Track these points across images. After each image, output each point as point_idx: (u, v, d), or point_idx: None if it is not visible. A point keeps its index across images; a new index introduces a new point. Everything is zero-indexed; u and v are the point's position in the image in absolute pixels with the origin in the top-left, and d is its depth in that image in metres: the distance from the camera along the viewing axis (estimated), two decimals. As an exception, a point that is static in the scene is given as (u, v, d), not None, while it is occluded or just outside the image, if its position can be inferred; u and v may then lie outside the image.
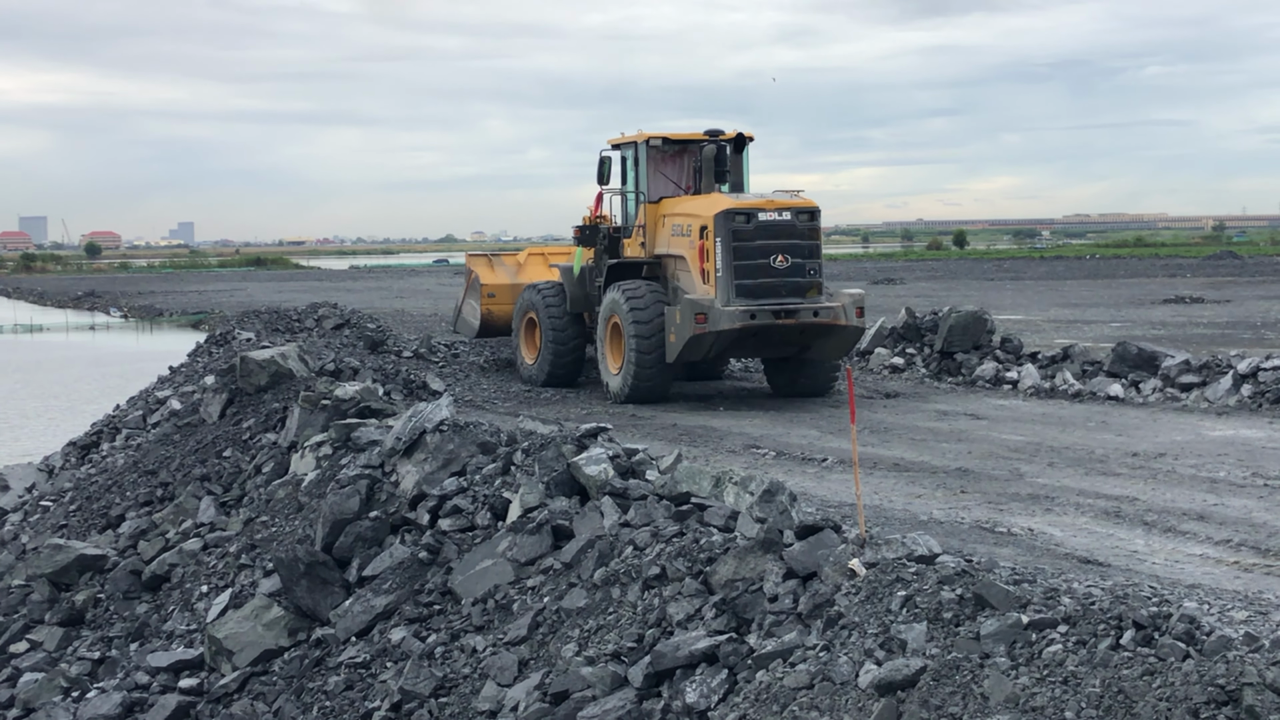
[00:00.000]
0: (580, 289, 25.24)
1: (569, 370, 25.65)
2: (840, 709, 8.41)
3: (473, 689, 11.23)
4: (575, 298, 25.32)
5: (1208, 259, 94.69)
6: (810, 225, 22.58)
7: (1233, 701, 7.05)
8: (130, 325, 73.00)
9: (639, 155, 24.46)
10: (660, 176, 24.51)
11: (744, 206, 22.30)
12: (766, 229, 22.22)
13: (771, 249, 22.19)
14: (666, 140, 24.38)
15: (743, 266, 22.11)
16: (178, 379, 27.51)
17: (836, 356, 23.55)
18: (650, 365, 22.64)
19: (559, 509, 12.65)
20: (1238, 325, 37.31)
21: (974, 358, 25.66)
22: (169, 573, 16.69)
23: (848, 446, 16.75)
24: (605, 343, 23.75)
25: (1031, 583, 8.95)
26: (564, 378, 25.58)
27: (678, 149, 24.65)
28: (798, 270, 22.31)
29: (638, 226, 24.55)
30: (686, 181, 24.64)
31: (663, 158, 24.59)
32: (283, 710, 12.71)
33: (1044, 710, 7.63)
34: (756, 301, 22.03)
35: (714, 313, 21.81)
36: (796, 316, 22.13)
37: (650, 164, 24.39)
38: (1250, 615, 8.70)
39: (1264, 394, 20.99)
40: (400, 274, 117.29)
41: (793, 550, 10.13)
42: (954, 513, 13.62)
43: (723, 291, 22.09)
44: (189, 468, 19.31)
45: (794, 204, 22.53)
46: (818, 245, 22.78)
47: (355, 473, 15.01)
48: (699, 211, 22.85)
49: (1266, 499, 14.04)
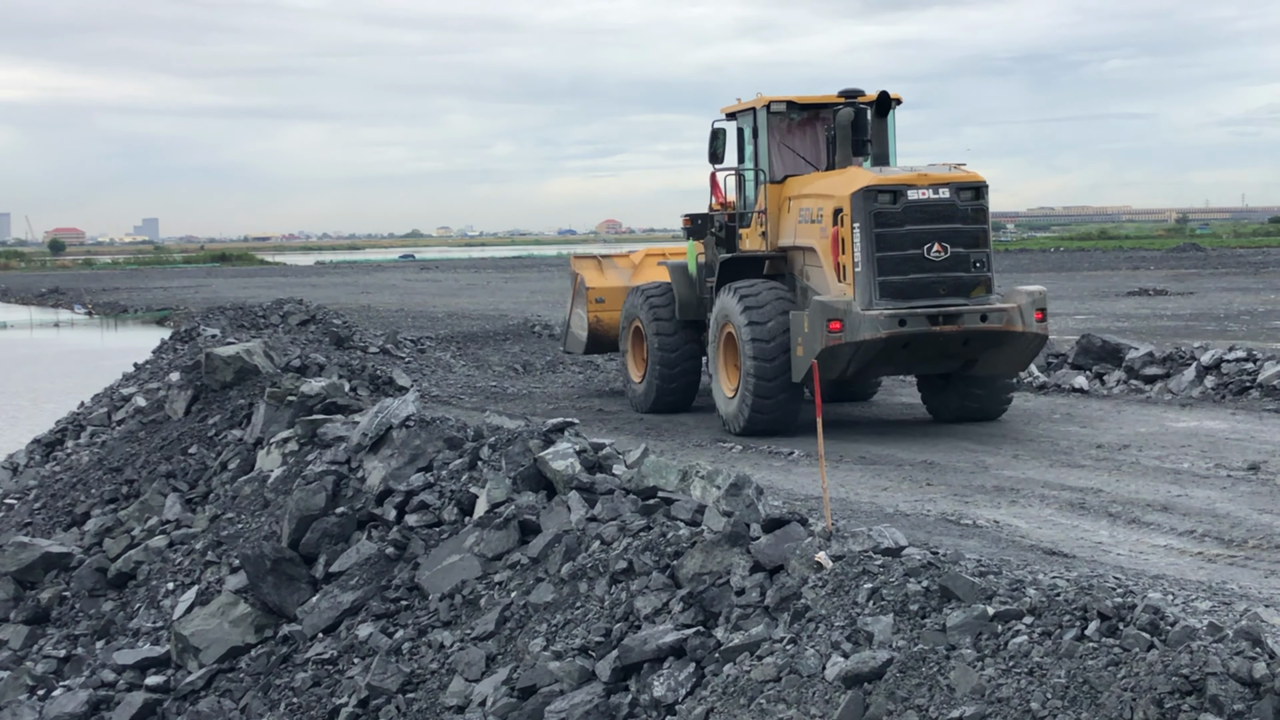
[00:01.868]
0: (692, 291, 20.91)
1: (680, 391, 21.20)
2: (807, 701, 8.43)
3: (440, 684, 11.22)
4: (686, 302, 20.86)
5: (1171, 251, 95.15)
6: (975, 205, 18.05)
7: (1197, 691, 7.10)
8: (95, 322, 72.66)
9: (758, 125, 20.01)
10: (786, 150, 20.12)
11: (889, 183, 17.87)
12: (919, 211, 17.79)
13: (925, 236, 17.74)
14: (792, 105, 19.91)
15: (888, 259, 17.73)
16: (143, 376, 27.40)
17: (1011, 372, 19.10)
18: (772, 386, 18.19)
19: (526, 504, 12.64)
20: (1201, 317, 37.52)
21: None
22: (135, 570, 16.64)
23: (814, 440, 16.78)
24: (718, 358, 19.35)
25: (997, 574, 9.00)
26: (675, 400, 21.16)
27: (807, 116, 20.18)
28: (959, 262, 17.87)
29: (757, 213, 20.10)
30: (819, 156, 20.11)
31: (788, 127, 20.15)
32: (250, 707, 12.67)
33: (1010, 701, 7.67)
34: (907, 304, 17.62)
35: (851, 318, 17.32)
36: (959, 322, 17.64)
37: (772, 135, 19.99)
38: (1214, 605, 8.76)
39: (1227, 385, 21.11)
40: (366, 269, 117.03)
41: (759, 543, 10.15)
42: (920, 505, 13.67)
43: (862, 291, 17.67)
44: (154, 465, 19.25)
45: (954, 178, 18.05)
46: (985, 231, 18.19)
47: (321, 469, 14.98)
48: (832, 191, 18.42)
49: (1230, 490, 14.13)
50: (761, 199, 19.92)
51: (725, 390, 19.09)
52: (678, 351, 20.96)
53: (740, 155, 20.83)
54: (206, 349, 22.17)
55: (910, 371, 19.49)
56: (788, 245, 19.52)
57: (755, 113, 20.04)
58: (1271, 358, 21.49)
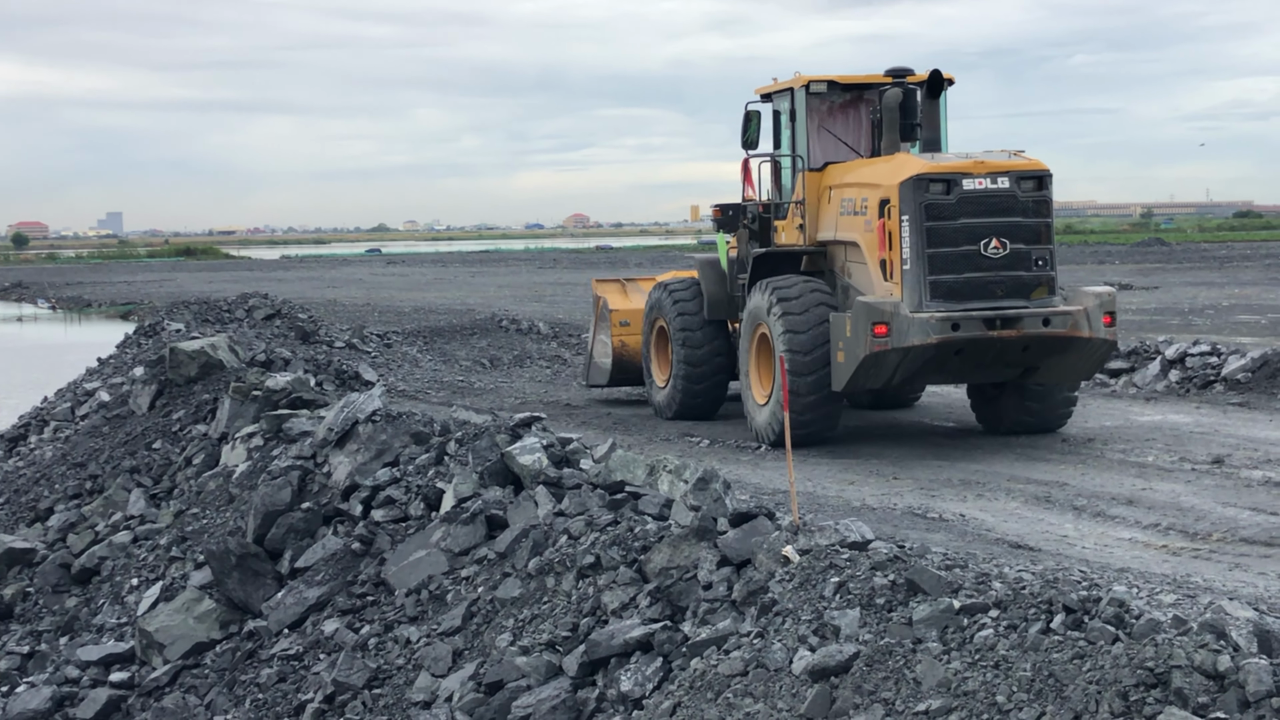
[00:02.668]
0: (722, 289, 19.19)
1: (708, 397, 19.56)
2: (774, 695, 8.44)
3: (407, 680, 11.20)
4: (716, 300, 19.18)
5: (1136, 246, 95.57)
6: (1038, 197, 16.28)
7: (1161, 684, 7.13)
8: (59, 316, 72.23)
9: (795, 107, 18.32)
10: (826, 135, 18.40)
11: (942, 171, 16.14)
12: (974, 202, 16.07)
13: (982, 230, 16.04)
14: (833, 85, 18.21)
15: (940, 256, 16.05)
16: (106, 370, 27.26)
17: (1075, 381, 17.47)
18: (810, 394, 16.44)
19: (493, 499, 12.62)
20: (1165, 311, 37.69)
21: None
22: (99, 566, 16.55)
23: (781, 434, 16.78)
24: (751, 361, 17.74)
25: (963, 568, 9.02)
26: (702, 406, 19.52)
27: (850, 98, 18.48)
28: (1019, 260, 16.14)
29: (794, 204, 18.47)
30: (861, 141, 18.48)
31: (829, 110, 18.48)
32: (215, 703, 12.62)
33: (976, 694, 7.69)
34: (961, 306, 15.95)
35: (899, 321, 15.71)
36: (1019, 326, 15.95)
37: (811, 118, 18.30)
38: (1178, 598, 8.80)
39: (1191, 379, 21.22)
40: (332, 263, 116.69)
41: (727, 538, 10.15)
42: (886, 499, 13.70)
43: (911, 292, 16.01)
44: (118, 460, 19.16)
45: (1014, 166, 16.27)
46: (1048, 225, 16.40)
47: (287, 464, 14.92)
48: (878, 180, 16.70)
49: (1194, 483, 14.21)
50: (799, 188, 18.30)
51: (757, 397, 17.52)
52: (704, 351, 19.30)
53: (776, 140, 19.09)
54: (171, 344, 22.06)
55: (963, 380, 17.94)
56: (828, 239, 17.87)
57: (793, 94, 18.38)
58: (1235, 352, 21.62)
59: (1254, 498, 13.46)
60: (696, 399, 19.44)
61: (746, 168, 19.26)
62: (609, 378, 21.74)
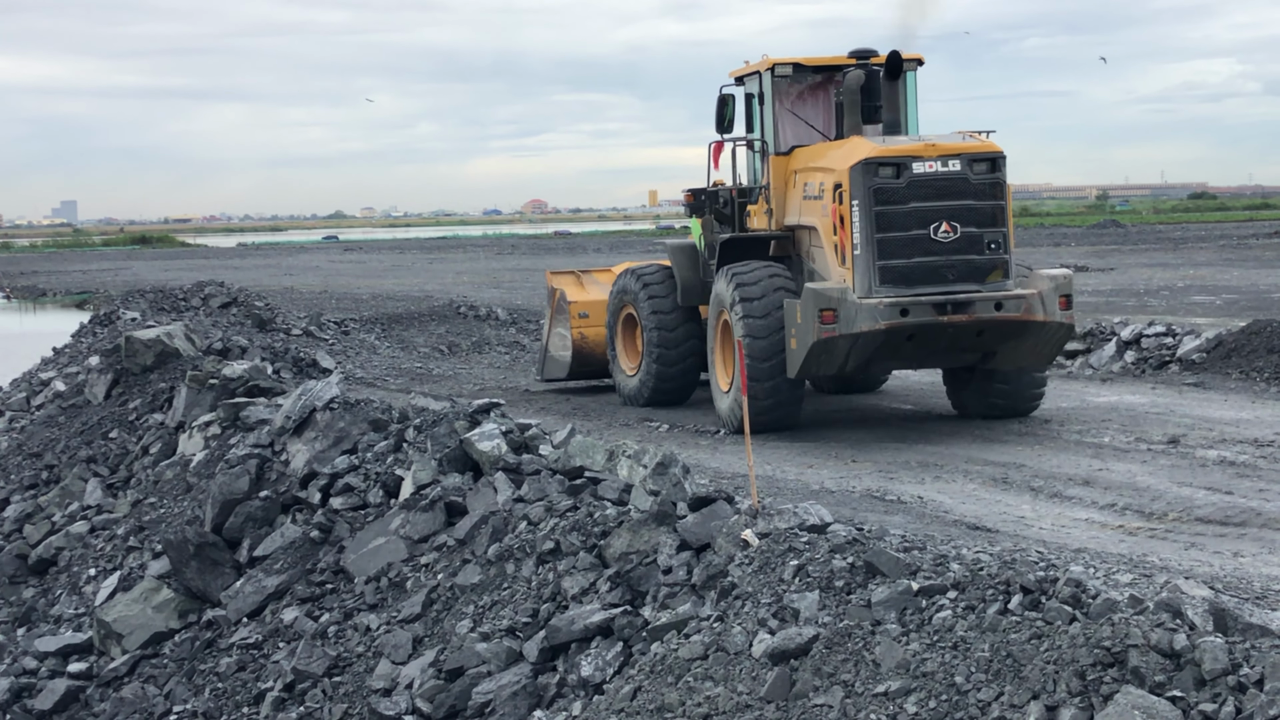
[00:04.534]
0: (695, 274, 18.94)
1: (680, 384, 19.31)
2: (734, 679, 8.46)
3: (367, 667, 11.19)
4: (688, 286, 18.93)
5: (1092, 228, 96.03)
6: (991, 180, 16.09)
7: (1119, 663, 7.17)
8: (13, 306, 71.69)
9: (763, 90, 18.08)
10: (794, 119, 18.19)
11: (891, 154, 15.96)
12: (925, 186, 15.89)
13: (932, 214, 15.86)
14: (799, 68, 17.98)
15: (890, 241, 15.90)
16: (62, 360, 27.09)
17: (1038, 364, 17.11)
18: (769, 380, 16.35)
19: (452, 485, 12.60)
20: (1121, 293, 37.91)
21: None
22: (55, 556, 16.48)
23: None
24: (716, 347, 17.60)
25: (921, 550, 9.05)
26: (673, 393, 19.29)
27: (818, 80, 18.22)
28: (971, 244, 15.97)
29: (762, 188, 18.26)
30: (829, 124, 18.17)
31: (797, 93, 18.25)
32: (174, 693, 12.58)
33: (934, 675, 7.72)
34: (910, 291, 15.82)
35: (846, 308, 15.55)
36: (970, 311, 15.79)
37: (779, 102, 18.07)
38: (1135, 578, 8.85)
39: (1147, 360, 21.36)
40: (289, 251, 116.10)
41: (686, 522, 10.16)
42: (845, 482, 13.74)
43: (861, 277, 15.87)
44: (74, 449, 19.04)
45: (965, 148, 16.12)
46: (1002, 208, 16.17)
47: (244, 452, 14.87)
48: (833, 164, 16.53)
49: (1150, 463, 14.29)
50: (766, 173, 18.07)
51: (721, 384, 17.41)
52: (677, 336, 18.99)
53: (748, 124, 18.70)
54: (126, 332, 21.94)
55: (920, 365, 17.90)
56: (794, 224, 17.63)
57: (760, 76, 18.11)
58: (1190, 332, 21.77)
59: (1209, 477, 13.55)
60: (669, 385, 19.22)
61: (716, 152, 19.02)
62: (569, 370, 21.47)
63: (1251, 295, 35.22)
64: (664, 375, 19.09)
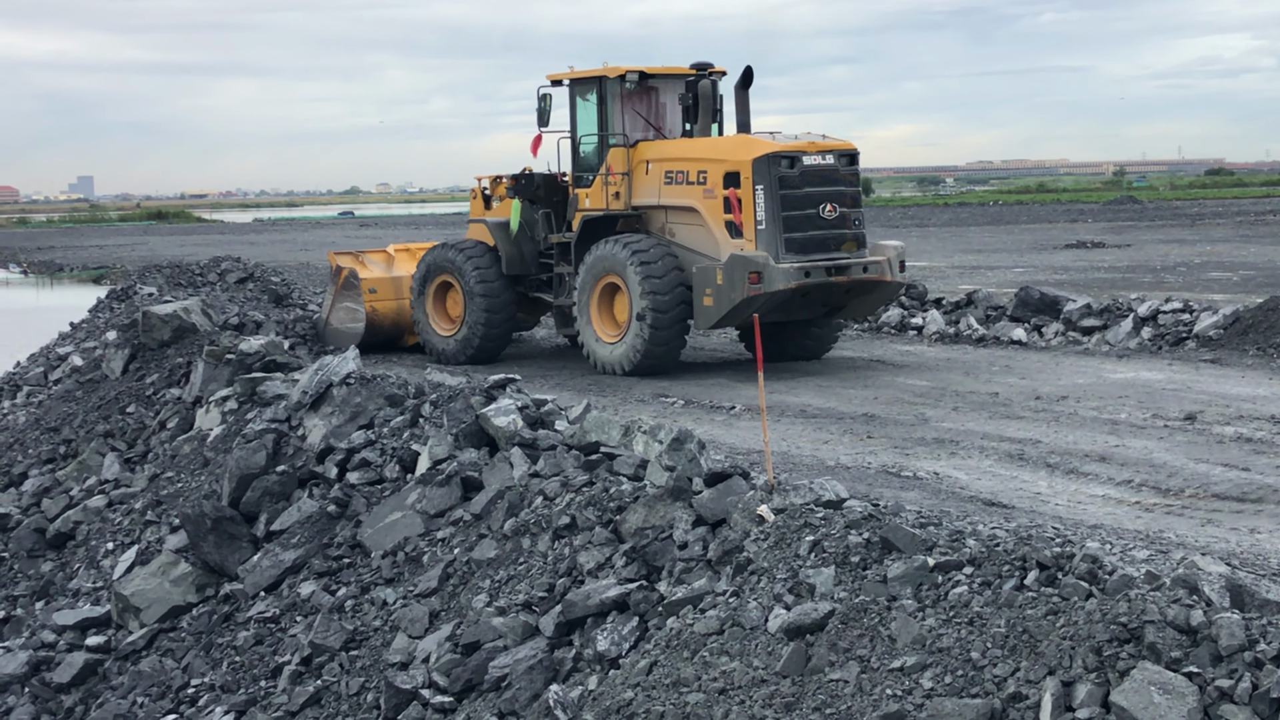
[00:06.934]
0: (517, 248, 22.19)
1: (501, 344, 22.71)
2: (750, 653, 8.47)
3: (384, 641, 11.22)
4: (512, 258, 22.22)
5: (1109, 204, 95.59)
6: (852, 170, 20.33)
7: (1135, 639, 7.17)
8: (30, 281, 71.84)
9: (607, 93, 21.44)
10: (635, 116, 21.63)
11: (788, 149, 19.67)
12: (813, 174, 19.73)
13: (819, 197, 19.70)
14: (643, 75, 21.41)
15: (792, 218, 19.56)
16: (79, 335, 27.15)
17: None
18: (666, 332, 19.88)
19: (468, 460, 12.62)
20: (1138, 269, 37.80)
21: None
22: (74, 530, 16.53)
23: (755, 394, 16.80)
24: (592, 307, 20.70)
25: (937, 526, 9.05)
26: (494, 352, 22.48)
27: (654, 85, 21.77)
28: (844, 221, 19.98)
29: (605, 174, 21.40)
30: (663, 122, 21.80)
31: (637, 95, 21.67)
32: (192, 666, 12.63)
33: (950, 651, 7.73)
34: (808, 257, 19.55)
35: (770, 271, 19.11)
36: (849, 273, 19.79)
37: (628, 103, 21.54)
38: (1151, 554, 8.84)
39: (1163, 336, 21.30)
40: (305, 226, 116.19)
41: (702, 498, 10.18)
42: (861, 458, 13.74)
43: (769, 247, 19.39)
44: (92, 424, 19.11)
45: (835, 145, 20.12)
46: (859, 193, 20.66)
47: (261, 427, 14.90)
48: (725, 156, 20.09)
49: (1166, 440, 14.27)
50: (611, 161, 21.24)
51: (603, 336, 20.57)
52: (503, 305, 22.20)
53: (573, 120, 22.05)
54: (143, 307, 21.98)
55: (791, 316, 20.59)
56: (648, 204, 21.00)
57: (605, 81, 21.37)
58: (1208, 309, 21.70)
59: (1226, 454, 13.53)
60: (492, 344, 22.35)
61: (536, 143, 22.40)
62: (359, 341, 22.68)
63: (1268, 271, 35.10)
64: (489, 335, 22.23)
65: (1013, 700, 7.35)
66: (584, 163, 21.93)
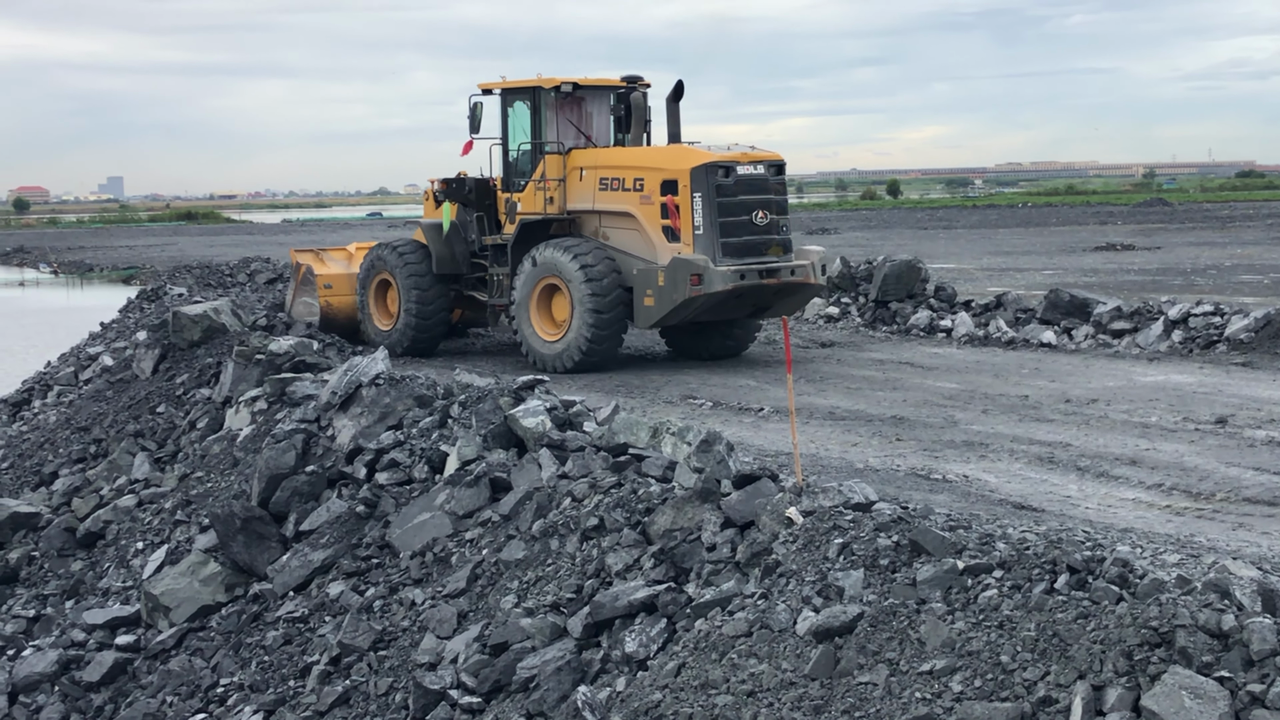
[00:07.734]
0: (448, 249, 23.26)
1: (434, 338, 23.63)
2: (779, 656, 8.46)
3: (412, 641, 11.23)
4: (443, 258, 23.26)
5: (1138, 206, 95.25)
6: (779, 180, 21.49)
7: (1166, 643, 7.14)
8: (61, 281, 72.17)
9: (540, 103, 22.40)
10: (568, 125, 22.62)
11: (723, 160, 20.80)
12: (746, 183, 20.87)
13: (752, 204, 20.86)
14: (576, 86, 22.49)
15: (728, 224, 20.67)
16: (109, 335, 27.29)
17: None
18: (607, 331, 20.94)
19: (496, 461, 12.63)
20: (1168, 272, 37.65)
21: (908, 307, 25.78)
22: (104, 530, 16.59)
23: (784, 396, 16.80)
24: (532, 306, 21.57)
25: (967, 529, 9.03)
26: (427, 346, 23.48)
27: (580, 97, 22.79)
28: (774, 226, 21.14)
29: (538, 181, 22.29)
30: (593, 131, 22.88)
31: (570, 105, 22.69)
32: (221, 665, 12.67)
33: (980, 654, 7.71)
34: (743, 261, 20.66)
35: (709, 274, 20.20)
36: (779, 276, 20.97)
37: (561, 112, 22.53)
38: (1182, 558, 8.80)
39: (1194, 339, 21.21)
40: (334, 227, 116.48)
41: (730, 499, 10.17)
42: (890, 460, 13.71)
43: (707, 251, 20.47)
44: (122, 424, 19.18)
45: (764, 156, 21.28)
46: (786, 200, 21.71)
47: (291, 427, 14.94)
48: (662, 165, 21.14)
49: (1197, 443, 14.21)
50: (544, 168, 22.20)
51: (543, 335, 21.48)
52: (432, 296, 23.16)
53: (505, 127, 23.03)
54: (173, 308, 22.07)
55: (721, 316, 21.69)
56: (582, 209, 22.02)
57: (539, 92, 22.35)
58: (1239, 312, 21.60)
59: (1257, 457, 13.47)
60: (424, 337, 23.32)
61: (466, 149, 23.20)
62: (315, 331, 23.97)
63: (1300, 274, 34.91)
64: (421, 329, 23.21)
65: (1043, 704, 7.33)
66: (516, 168, 22.96)
